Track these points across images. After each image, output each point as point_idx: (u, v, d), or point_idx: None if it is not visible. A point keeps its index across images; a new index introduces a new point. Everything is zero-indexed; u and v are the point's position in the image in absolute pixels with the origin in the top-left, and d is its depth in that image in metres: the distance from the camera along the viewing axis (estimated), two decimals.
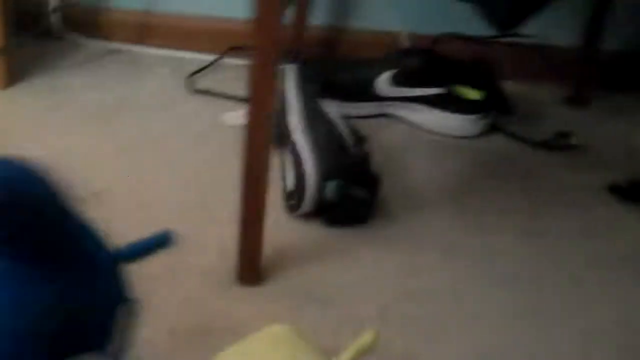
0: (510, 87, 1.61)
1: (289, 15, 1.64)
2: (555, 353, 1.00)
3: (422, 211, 1.29)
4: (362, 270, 1.13)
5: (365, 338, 0.90)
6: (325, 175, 1.18)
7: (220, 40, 1.76)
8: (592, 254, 1.21)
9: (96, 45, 1.83)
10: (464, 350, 1.00)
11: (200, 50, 1.80)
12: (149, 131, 1.47)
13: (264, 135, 1.01)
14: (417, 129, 1.56)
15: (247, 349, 0.86)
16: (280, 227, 1.20)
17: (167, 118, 1.53)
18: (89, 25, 1.83)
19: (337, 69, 1.60)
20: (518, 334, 1.03)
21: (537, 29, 1.56)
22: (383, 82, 1.55)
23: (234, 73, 1.69)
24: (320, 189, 1.18)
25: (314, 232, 1.21)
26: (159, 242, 0.50)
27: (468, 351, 1.00)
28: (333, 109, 1.33)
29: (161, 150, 1.41)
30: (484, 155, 1.49)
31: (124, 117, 1.52)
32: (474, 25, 1.41)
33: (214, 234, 1.17)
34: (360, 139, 1.29)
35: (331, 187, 1.17)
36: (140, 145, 1.42)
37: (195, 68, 1.73)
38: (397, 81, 1.55)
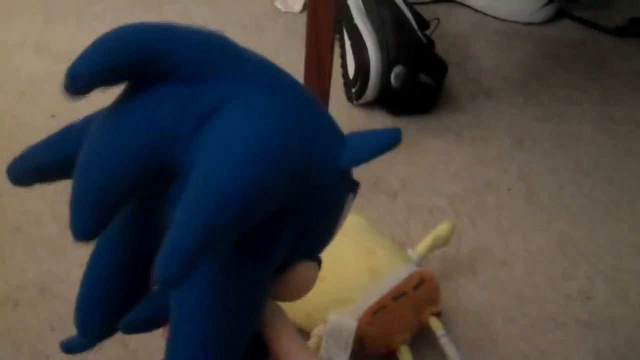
0: None
1: None
2: (636, 245, 0.96)
3: (489, 100, 1.23)
4: (430, 160, 1.08)
5: (442, 229, 0.86)
6: (389, 61, 1.11)
7: None
8: None
9: None
10: (538, 242, 0.95)
11: None
12: (199, 19, 1.41)
13: (328, 18, 0.94)
14: (482, 15, 1.47)
15: None
16: (342, 117, 1.15)
17: (217, 5, 1.46)
18: None
19: None
20: (596, 225, 0.99)
21: None
22: None
23: None
24: (385, 75, 1.12)
25: (378, 121, 1.15)
26: (389, 143, 0.45)
27: (543, 243, 0.95)
28: None
29: None
30: (552, 43, 1.41)
31: (172, 5, 1.45)
32: None
33: None
34: (424, 24, 1.22)
35: (396, 73, 1.11)
36: None
37: None
38: None
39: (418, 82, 1.13)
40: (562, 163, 1.10)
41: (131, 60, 0.40)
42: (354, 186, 0.48)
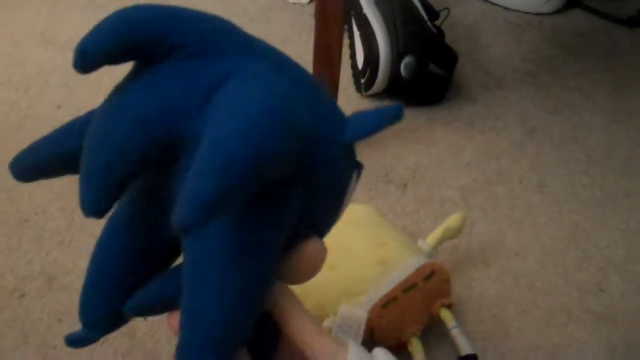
0: None
1: None
2: None
3: (500, 91, 1.21)
4: (440, 151, 1.07)
5: (453, 220, 0.85)
6: (399, 51, 1.10)
7: None
8: None
9: None
10: (551, 234, 0.94)
11: None
12: (204, 9, 1.40)
13: (338, 8, 0.93)
14: (491, 5, 1.46)
15: None
16: (351, 108, 1.14)
17: None
18: None
19: None
20: (608, 217, 0.98)
21: None
22: None
23: None
24: (394, 66, 1.11)
25: None
26: (392, 116, 0.46)
27: (555, 235, 0.94)
28: None
29: None
30: (564, 33, 1.39)
31: None
32: None
33: None
34: (434, 14, 1.20)
35: (406, 63, 1.10)
36: None
37: None
38: None
39: (428, 73, 1.12)
40: (574, 154, 1.08)
41: (139, 38, 0.40)
42: (358, 165, 0.48)
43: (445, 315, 0.77)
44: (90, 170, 0.42)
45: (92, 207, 0.42)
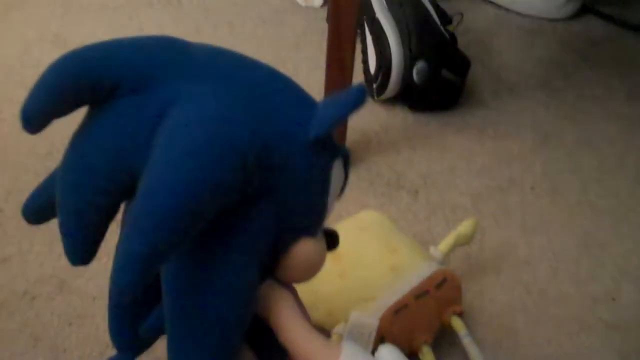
0: None
1: None
2: None
3: (513, 97, 1.21)
4: (452, 157, 1.07)
5: (464, 227, 0.85)
6: (412, 56, 1.10)
7: None
8: None
9: None
10: (563, 242, 0.94)
11: None
12: (218, 13, 1.40)
13: (351, 12, 0.93)
14: (504, 11, 1.45)
15: (341, 232, 0.81)
16: (363, 113, 1.13)
17: None
18: None
19: None
20: (621, 225, 0.97)
21: None
22: None
23: None
24: (407, 71, 1.10)
25: (400, 118, 1.14)
26: (355, 101, 0.45)
27: (567, 243, 0.94)
28: None
29: (231, 33, 1.34)
30: (577, 39, 1.39)
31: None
32: None
33: None
34: (447, 19, 1.20)
35: (418, 68, 1.10)
36: (210, 28, 1.35)
37: None
38: None
39: (440, 78, 1.12)
40: (587, 161, 1.08)
41: (74, 90, 0.41)
42: (336, 152, 0.47)
43: (456, 323, 0.76)
44: (63, 223, 0.44)
45: (75, 256, 0.44)
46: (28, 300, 0.81)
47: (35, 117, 0.40)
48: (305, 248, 0.48)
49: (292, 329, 0.48)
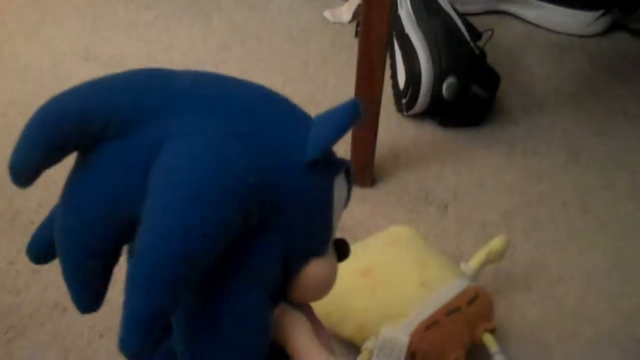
0: None
1: None
2: None
3: (542, 113, 1.20)
4: (481, 172, 1.06)
5: (495, 243, 0.84)
6: (441, 72, 1.10)
7: None
8: None
9: None
10: (594, 259, 0.93)
11: None
12: (246, 29, 1.40)
13: (382, 27, 0.92)
14: (533, 27, 1.45)
15: (369, 248, 0.81)
16: (393, 128, 1.14)
17: (265, 14, 1.46)
18: None
19: None
20: None
21: None
22: None
23: None
24: (436, 86, 1.10)
25: (429, 133, 1.14)
26: (351, 119, 0.43)
27: (599, 260, 0.93)
28: (445, 1, 1.23)
29: (259, 49, 1.34)
30: (607, 55, 1.38)
31: (220, 15, 1.45)
32: None
33: None
34: (477, 35, 1.20)
35: (448, 84, 1.09)
36: (238, 43, 1.36)
37: None
38: None
39: (470, 94, 1.11)
40: (618, 178, 1.07)
41: (59, 140, 0.40)
42: (337, 167, 0.46)
43: (488, 340, 0.75)
44: (66, 275, 0.44)
45: (81, 307, 0.44)
46: (59, 312, 0.81)
47: (23, 171, 0.39)
48: (314, 269, 0.46)
49: (308, 355, 0.47)
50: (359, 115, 0.42)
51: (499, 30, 1.40)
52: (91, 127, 0.40)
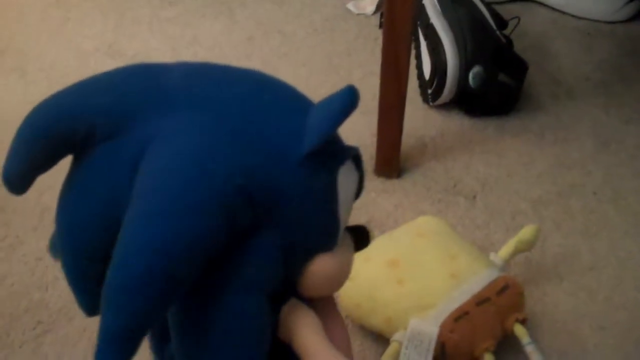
0: None
1: None
2: None
3: (571, 101, 1.18)
4: (510, 162, 1.05)
5: (525, 233, 0.83)
6: (467, 61, 1.08)
7: None
8: None
9: None
10: (627, 247, 0.91)
11: None
12: (270, 22, 1.40)
13: (406, 18, 0.91)
14: (560, 13, 1.43)
15: (398, 240, 0.80)
16: (419, 119, 1.12)
17: (288, 6, 1.45)
18: None
19: None
20: None
21: None
22: None
23: None
24: (462, 75, 1.09)
25: (455, 123, 1.12)
26: (346, 107, 0.41)
27: (632, 248, 0.91)
28: None
29: (283, 42, 1.33)
30: (636, 41, 1.35)
31: (243, 9, 1.45)
32: None
33: (349, 125, 1.09)
34: (503, 23, 1.18)
35: (474, 73, 1.08)
36: (262, 37, 1.35)
37: None
38: None
39: (497, 83, 1.10)
40: None
41: (49, 142, 0.40)
42: (340, 157, 0.44)
43: (519, 330, 0.74)
44: (69, 281, 0.44)
45: (85, 310, 0.44)
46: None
47: (16, 178, 0.40)
48: (322, 265, 0.44)
49: (315, 354, 0.45)
50: (356, 102, 0.40)
51: (525, 18, 1.38)
52: (77, 131, 0.40)
